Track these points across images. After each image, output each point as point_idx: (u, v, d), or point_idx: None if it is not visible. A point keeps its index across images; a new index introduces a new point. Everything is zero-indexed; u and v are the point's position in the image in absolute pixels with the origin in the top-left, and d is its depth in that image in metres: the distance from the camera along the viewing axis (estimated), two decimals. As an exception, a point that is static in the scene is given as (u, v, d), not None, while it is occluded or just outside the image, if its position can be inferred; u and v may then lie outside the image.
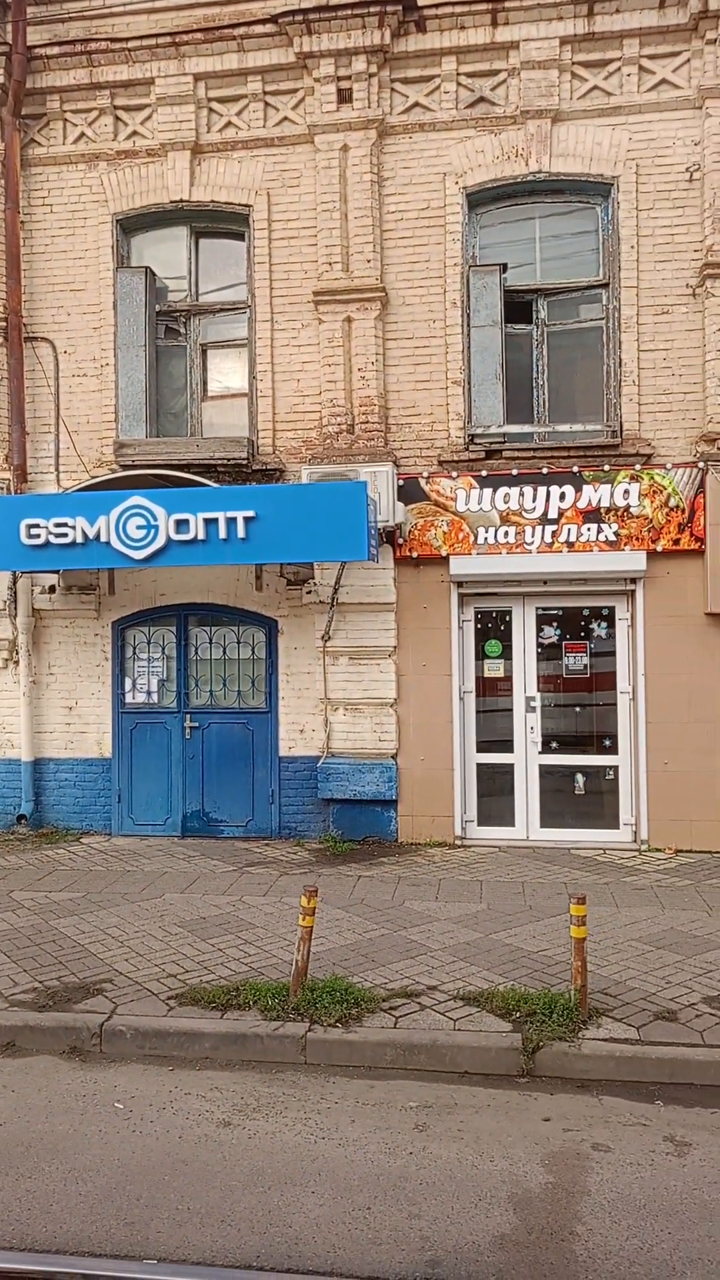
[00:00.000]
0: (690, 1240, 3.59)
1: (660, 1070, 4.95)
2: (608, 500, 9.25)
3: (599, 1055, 5.01)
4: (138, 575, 10.00)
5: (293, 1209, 3.82)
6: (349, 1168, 4.13)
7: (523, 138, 9.49)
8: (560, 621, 9.71)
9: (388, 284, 9.67)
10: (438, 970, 6.12)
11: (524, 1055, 5.04)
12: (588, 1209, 3.80)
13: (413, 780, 9.63)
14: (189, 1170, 4.11)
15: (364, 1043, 5.20)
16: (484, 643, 9.80)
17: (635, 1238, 3.60)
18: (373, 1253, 3.53)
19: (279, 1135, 4.41)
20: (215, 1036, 5.31)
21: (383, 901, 7.62)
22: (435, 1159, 4.20)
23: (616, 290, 9.41)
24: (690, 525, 9.15)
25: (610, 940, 6.63)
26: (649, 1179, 4.02)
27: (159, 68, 9.88)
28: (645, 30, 9.18)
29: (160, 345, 10.31)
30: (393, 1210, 3.80)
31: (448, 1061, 5.10)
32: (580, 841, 9.45)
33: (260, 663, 10.01)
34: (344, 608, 9.63)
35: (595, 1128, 4.46)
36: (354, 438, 9.63)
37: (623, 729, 9.50)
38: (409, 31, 9.47)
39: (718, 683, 9.17)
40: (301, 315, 9.86)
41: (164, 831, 10.01)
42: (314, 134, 9.71)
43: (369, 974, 6.07)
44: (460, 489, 9.47)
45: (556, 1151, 4.25)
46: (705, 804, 9.17)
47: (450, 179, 9.62)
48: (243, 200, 9.95)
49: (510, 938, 6.72)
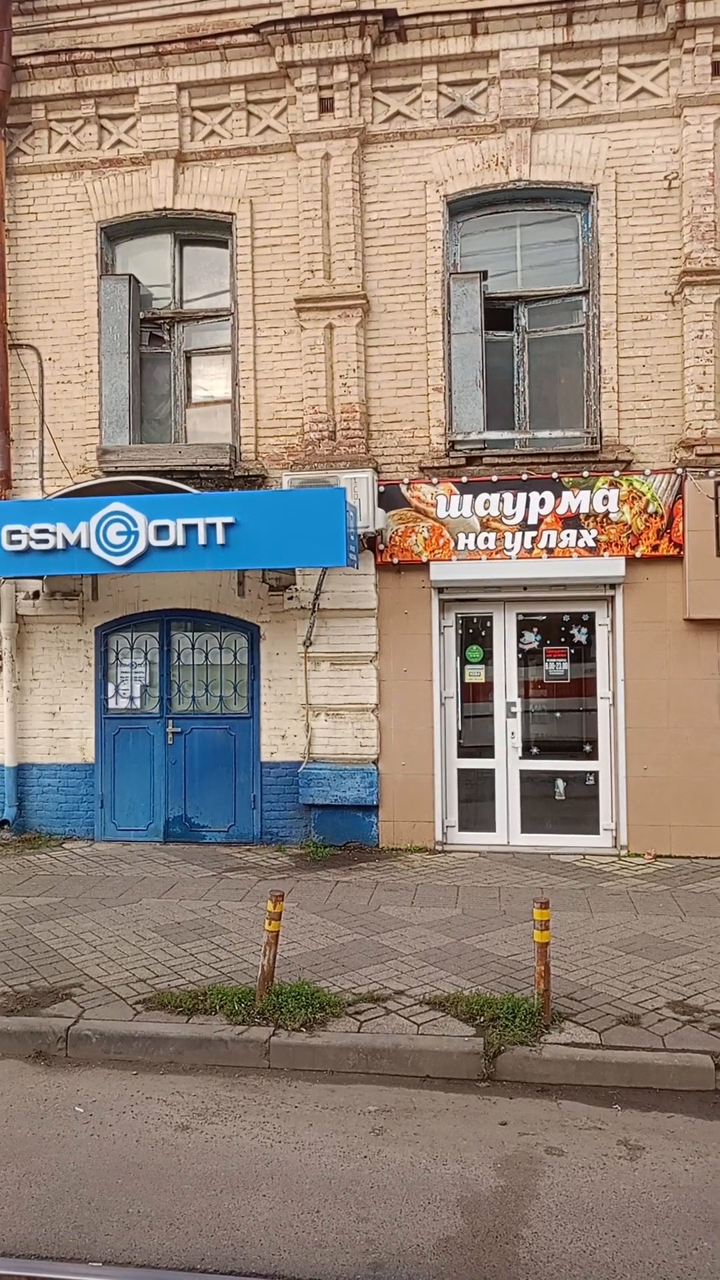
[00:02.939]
0: (633, 1243, 3.61)
1: (620, 1074, 4.97)
2: (587, 506, 9.29)
3: (559, 1059, 5.03)
4: (121, 581, 10.04)
5: (242, 1212, 3.84)
6: (302, 1171, 4.15)
7: (503, 146, 9.55)
8: (541, 627, 9.75)
9: (369, 291, 9.73)
10: (406, 975, 6.14)
11: (485, 1059, 5.06)
12: (535, 1212, 3.82)
13: (394, 785, 9.66)
14: (143, 1174, 4.13)
15: (327, 1047, 5.22)
16: (465, 648, 9.84)
17: (579, 1240, 3.63)
18: (317, 1255, 3.55)
19: (235, 1139, 4.43)
20: (179, 1041, 5.33)
21: (358, 906, 7.65)
22: (389, 1162, 4.22)
23: (596, 297, 9.46)
24: (669, 531, 9.19)
25: (581, 945, 6.65)
26: (599, 1182, 4.04)
27: (142, 77, 9.95)
28: (624, 39, 9.24)
29: (145, 352, 10.37)
30: (341, 1213, 3.82)
31: (410, 1066, 5.12)
32: (561, 847, 9.47)
33: (242, 668, 10.05)
34: (325, 613, 9.67)
35: (551, 1131, 4.49)
36: (335, 444, 9.68)
37: (603, 734, 9.52)
38: (390, 41, 9.54)
39: (697, 689, 9.20)
40: (284, 322, 9.92)
41: (146, 837, 10.04)
42: (296, 143, 9.78)
43: (338, 979, 6.09)
44: (441, 495, 9.51)
45: (510, 1155, 4.27)
46: (684, 809, 9.19)
47: (431, 187, 9.68)
48: (226, 208, 10.01)
49: (481, 943, 6.74)
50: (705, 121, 9.16)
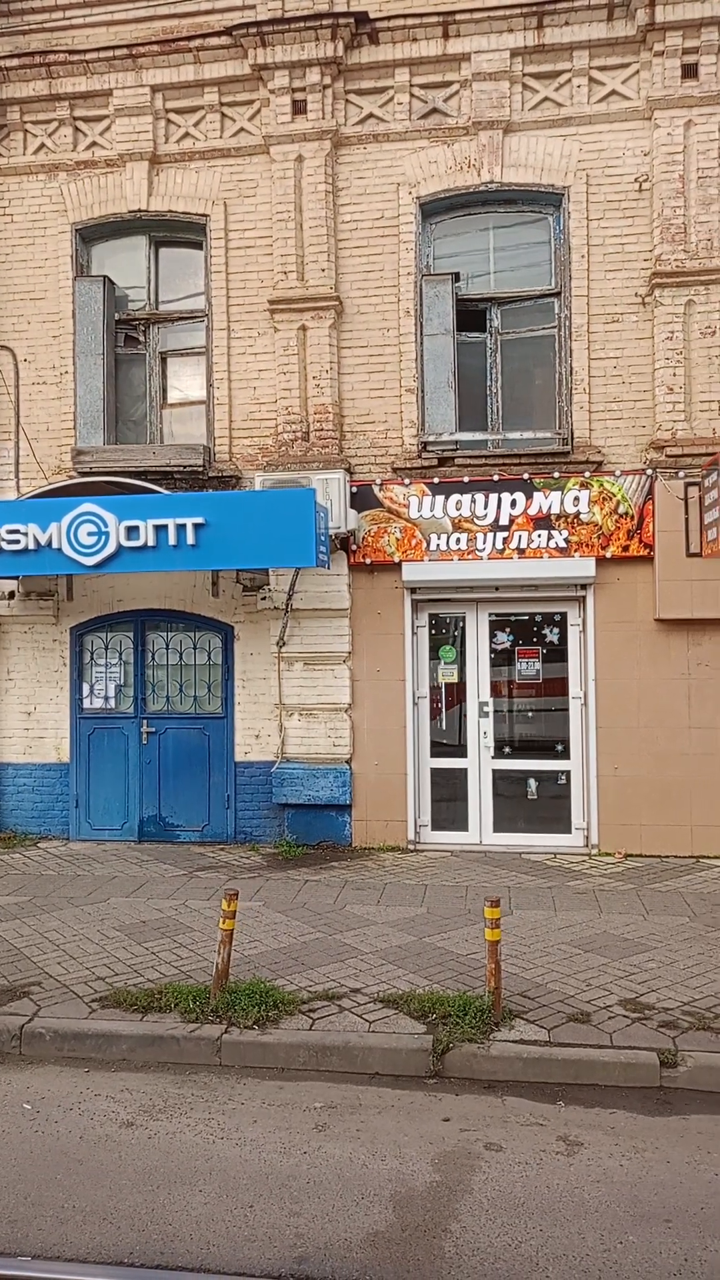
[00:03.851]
0: (559, 1237, 3.65)
1: (566, 1071, 5.00)
2: (558, 507, 9.33)
3: (506, 1056, 5.07)
4: (96, 581, 10.08)
5: (177, 1207, 3.88)
6: (241, 1167, 4.19)
7: (475, 148, 9.58)
8: (513, 627, 9.79)
9: (342, 293, 9.76)
10: (364, 973, 6.18)
11: (433, 1057, 5.10)
12: (466, 1207, 3.86)
13: (367, 785, 9.69)
14: (83, 1169, 4.17)
15: (278, 1044, 5.26)
16: (438, 648, 9.87)
17: (506, 1235, 3.66)
18: (245, 1249, 3.59)
19: (179, 1135, 4.47)
20: (132, 1038, 5.37)
21: (324, 905, 7.68)
22: (328, 1158, 4.26)
23: (568, 299, 9.50)
24: (639, 532, 9.22)
25: (541, 944, 6.69)
26: (533, 1178, 4.08)
27: (117, 79, 9.99)
28: (594, 42, 9.28)
29: (120, 353, 10.41)
30: (274, 1208, 3.86)
31: (359, 1063, 5.16)
32: (533, 846, 9.50)
33: (217, 668, 10.08)
34: (299, 613, 9.70)
35: (493, 1128, 4.52)
36: (309, 445, 9.71)
37: (574, 734, 9.56)
38: (362, 44, 9.57)
39: (667, 689, 9.24)
40: (258, 324, 9.95)
41: (121, 836, 10.07)
42: (269, 144, 9.81)
43: (297, 977, 6.13)
44: (413, 496, 9.55)
45: (449, 1151, 4.31)
46: (654, 809, 9.23)
47: (404, 189, 9.72)
48: (200, 210, 10.05)
49: (443, 941, 6.78)
50: (675, 124, 9.20)
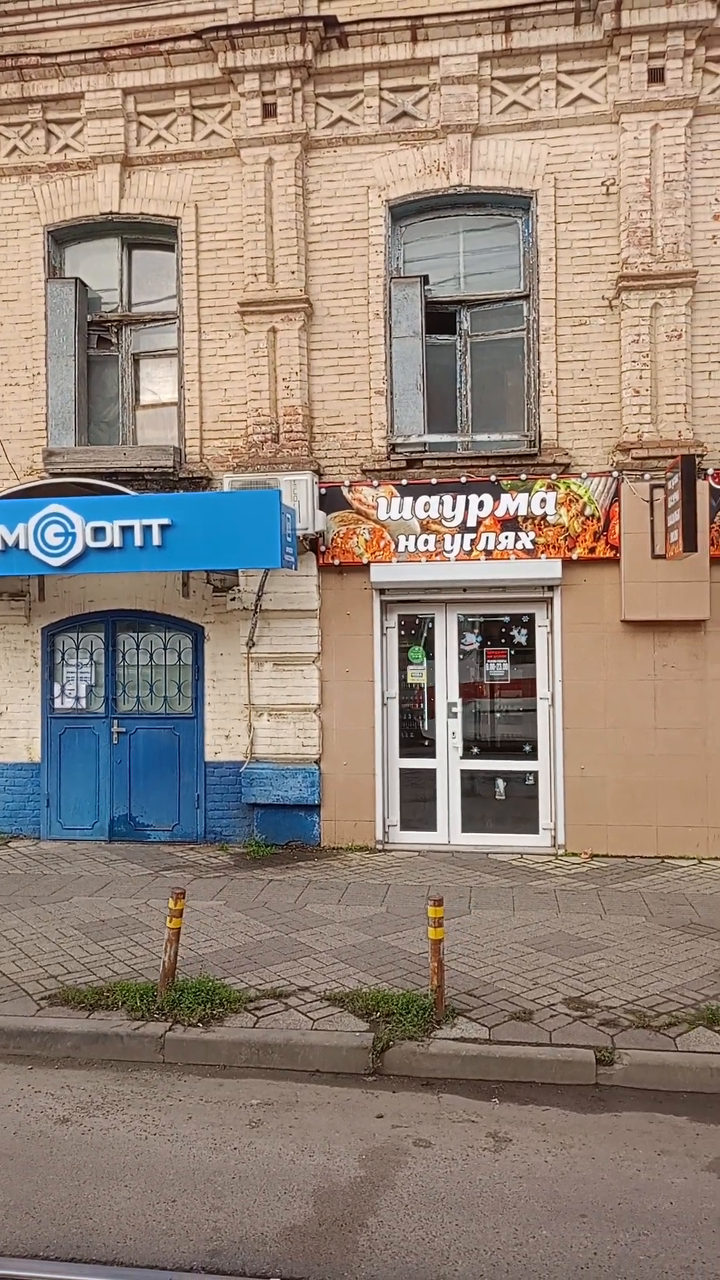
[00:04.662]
0: (473, 1232, 3.69)
1: (504, 1069, 5.05)
2: (525, 509, 9.37)
3: (445, 1054, 5.11)
4: (67, 582, 10.12)
5: (101, 1203, 3.92)
6: (170, 1163, 4.23)
7: (444, 151, 9.63)
8: (482, 628, 9.83)
9: (312, 295, 9.81)
10: (315, 972, 6.22)
11: (373, 1054, 5.14)
12: (386, 1202, 3.90)
13: (335, 785, 9.73)
14: (13, 1165, 4.21)
15: (220, 1042, 5.30)
16: (408, 649, 9.92)
17: (421, 1229, 3.70)
18: (161, 1243, 3.63)
19: (113, 1132, 4.51)
20: (77, 1036, 5.41)
21: (285, 905, 7.72)
22: (257, 1154, 4.30)
23: (536, 302, 9.54)
24: (606, 534, 9.27)
25: (495, 943, 6.73)
26: (457, 1173, 4.12)
27: (88, 82, 10.03)
28: (562, 46, 9.32)
29: (93, 355, 10.45)
30: (196, 1203, 3.90)
31: (300, 1060, 5.20)
32: (500, 846, 9.55)
33: (187, 669, 10.12)
34: (268, 614, 9.75)
35: (425, 1124, 4.56)
36: (279, 446, 9.75)
37: (542, 735, 9.60)
38: (331, 47, 9.62)
39: (633, 689, 9.28)
40: (229, 326, 10.00)
41: (92, 836, 10.11)
42: (240, 147, 9.86)
43: (248, 975, 6.17)
44: (382, 497, 9.59)
45: (378, 1147, 4.35)
46: (621, 809, 9.27)
47: (374, 192, 9.76)
48: (171, 212, 10.09)
49: (398, 940, 6.82)
50: (642, 128, 9.24)
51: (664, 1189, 3.99)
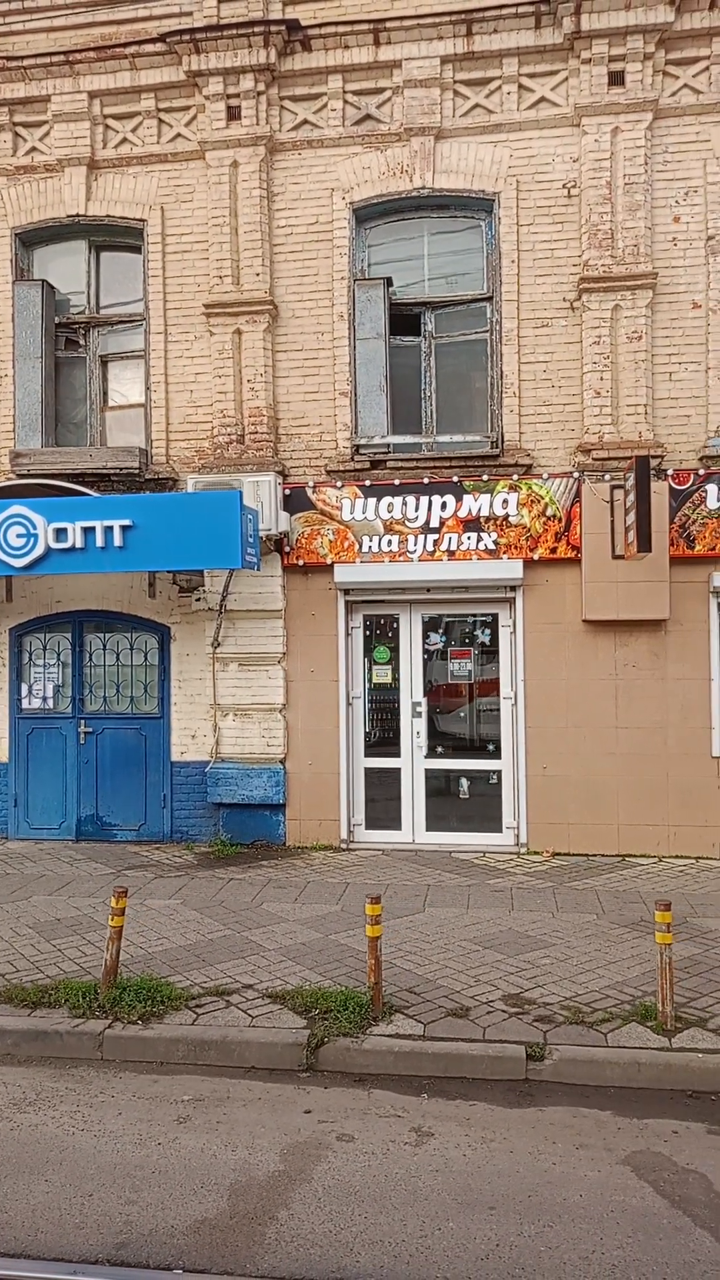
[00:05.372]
0: (381, 1224, 3.74)
1: (436, 1064, 5.09)
2: (487, 509, 9.42)
3: (379, 1050, 5.16)
4: (35, 583, 10.16)
5: (18, 1197, 3.96)
6: (94, 1158, 4.28)
7: (407, 154, 9.68)
8: (446, 628, 9.89)
9: (277, 297, 9.86)
10: (262, 970, 6.27)
11: (307, 1050, 5.19)
12: (300, 1196, 3.95)
13: (301, 785, 9.78)
14: (-62, 1159, 4.26)
15: (158, 1039, 5.35)
16: (373, 649, 9.97)
17: (330, 1222, 3.75)
18: (72, 1236, 3.68)
19: (41, 1127, 4.56)
20: (17, 1033, 5.45)
21: (241, 903, 7.77)
22: (181, 1149, 4.35)
23: (499, 304, 9.59)
24: (567, 534, 9.32)
25: (443, 940, 6.78)
26: (374, 1167, 4.17)
27: (54, 85, 10.08)
28: (523, 50, 9.37)
29: (60, 356, 10.50)
30: (113, 1197, 3.95)
31: (236, 1057, 5.25)
32: (464, 845, 9.60)
33: (153, 669, 10.17)
34: (233, 614, 9.79)
35: (351, 1120, 4.61)
36: (244, 448, 9.80)
37: (505, 734, 9.65)
38: (295, 50, 9.67)
39: (595, 689, 9.33)
40: (195, 327, 10.05)
41: (59, 835, 10.16)
42: (205, 150, 9.91)
43: (195, 973, 6.22)
44: (345, 498, 9.64)
45: (301, 1142, 4.40)
46: (582, 808, 9.33)
47: (338, 194, 9.81)
48: (138, 215, 10.14)
49: (348, 938, 6.86)
50: (603, 131, 9.30)
51: (576, 1182, 4.04)
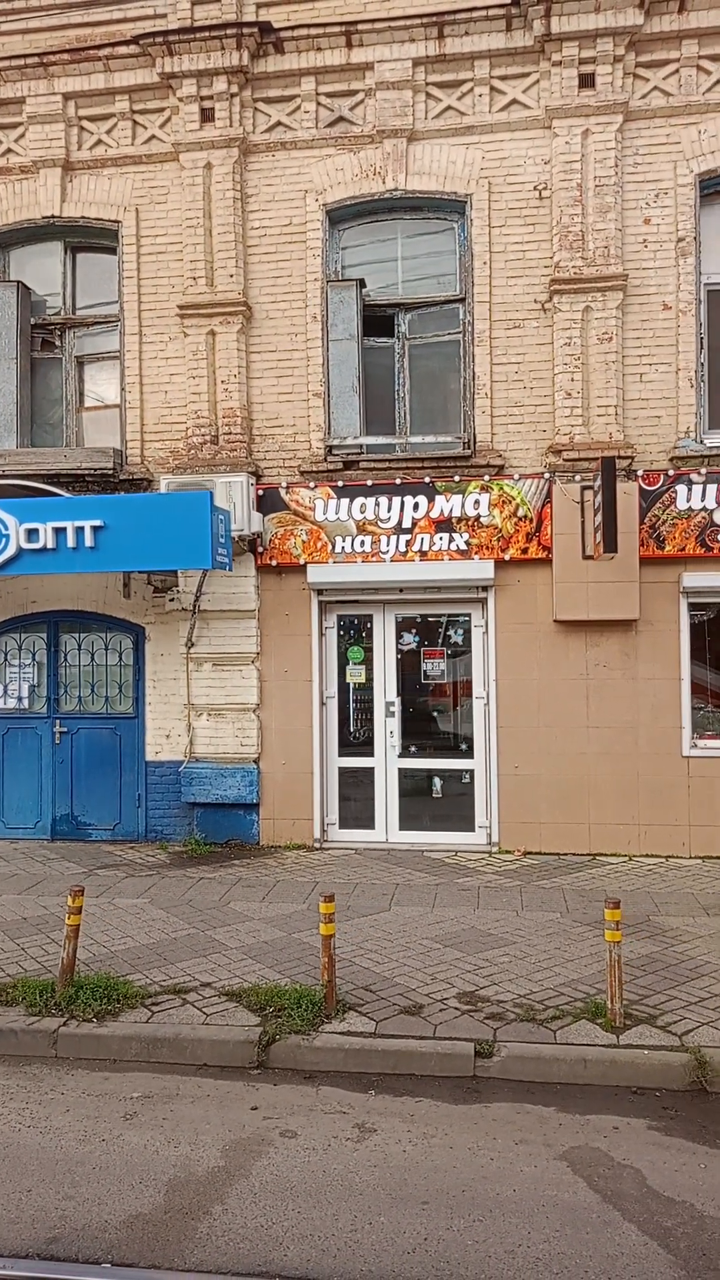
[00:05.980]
0: (313, 1219, 3.77)
1: (385, 1062, 5.13)
2: (459, 510, 9.46)
3: (329, 1048, 5.20)
4: (10, 583, 10.19)
5: (-43, 1191, 4.00)
6: (37, 1154, 4.31)
7: (380, 156, 9.72)
8: (419, 628, 9.92)
9: (251, 298, 9.89)
10: (222, 968, 6.30)
11: (258, 1048, 5.23)
12: (236, 1191, 3.99)
13: (274, 784, 9.82)
14: None
15: (112, 1036, 5.38)
16: (347, 649, 10.00)
17: (262, 1217, 3.79)
18: (5, 1231, 3.71)
19: (-12, 1124, 4.60)
20: (-28, 1031, 5.49)
21: (208, 902, 7.81)
22: (124, 1146, 4.38)
23: (471, 305, 9.63)
24: (538, 535, 9.36)
25: (404, 939, 6.82)
26: (314, 1163, 4.21)
27: (29, 87, 10.11)
28: (494, 52, 9.41)
29: (36, 357, 10.53)
30: (50, 1193, 3.99)
31: (188, 1054, 5.29)
32: (436, 844, 9.64)
33: (128, 669, 10.20)
34: (207, 615, 9.83)
35: (297, 1116, 4.65)
36: (218, 448, 9.84)
37: (478, 733, 9.69)
38: (268, 53, 9.70)
39: (566, 688, 9.37)
40: (169, 328, 10.08)
41: (34, 835, 10.19)
42: (179, 152, 9.94)
43: (155, 971, 6.26)
44: (319, 499, 9.67)
45: (243, 1138, 4.44)
46: (553, 807, 9.36)
47: (311, 196, 9.84)
48: (113, 216, 10.17)
49: (310, 937, 6.88)
50: (573, 133, 9.33)
51: (512, 1177, 4.08)
